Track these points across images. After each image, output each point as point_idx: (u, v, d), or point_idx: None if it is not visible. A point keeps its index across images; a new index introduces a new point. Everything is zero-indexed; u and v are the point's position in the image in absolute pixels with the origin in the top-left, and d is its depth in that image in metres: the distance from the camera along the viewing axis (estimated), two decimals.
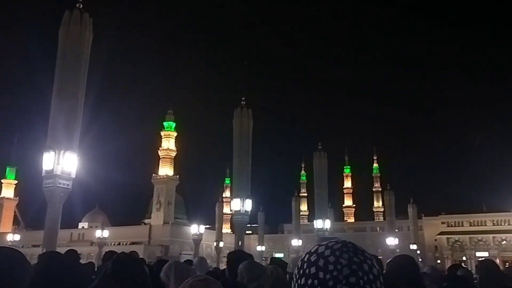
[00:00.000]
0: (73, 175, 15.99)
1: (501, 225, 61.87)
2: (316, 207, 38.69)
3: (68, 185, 15.76)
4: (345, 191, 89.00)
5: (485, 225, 62.57)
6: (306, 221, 75.60)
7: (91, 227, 67.50)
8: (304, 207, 80.00)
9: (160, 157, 68.11)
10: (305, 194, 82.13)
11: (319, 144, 39.87)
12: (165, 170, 66.75)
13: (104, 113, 69.75)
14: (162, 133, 69.12)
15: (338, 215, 76.17)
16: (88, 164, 21.95)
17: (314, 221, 38.48)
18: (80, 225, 71.90)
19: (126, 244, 55.01)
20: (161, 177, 66.17)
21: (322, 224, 36.78)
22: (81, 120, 17.11)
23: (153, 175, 66.94)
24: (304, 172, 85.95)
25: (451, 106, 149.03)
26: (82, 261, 6.60)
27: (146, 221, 68.08)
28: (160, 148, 68.52)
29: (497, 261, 56.26)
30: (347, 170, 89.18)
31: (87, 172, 20.95)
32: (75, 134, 16.57)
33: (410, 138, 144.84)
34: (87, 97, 17.93)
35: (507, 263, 57.31)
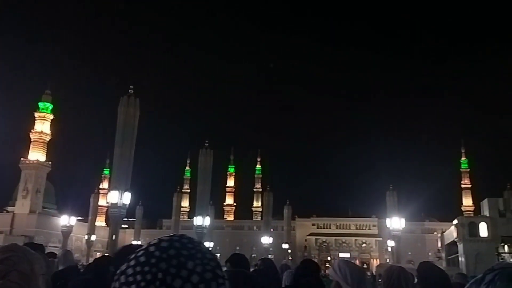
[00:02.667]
0: None
1: (362, 229, 68.35)
2: (197, 203, 38.73)
3: None
4: (227, 189, 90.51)
5: (349, 229, 68.59)
6: (186, 217, 75.32)
7: None
8: (185, 203, 79.60)
9: (32, 140, 62.34)
10: (188, 190, 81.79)
11: (206, 141, 40.07)
12: (36, 155, 61.28)
13: None
14: (36, 115, 63.26)
15: (219, 213, 77.25)
16: None
17: (194, 217, 38.48)
18: None
19: None
20: (31, 162, 60.61)
21: (202, 221, 36.92)
22: None
23: (22, 159, 61.02)
24: (188, 168, 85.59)
25: (329, 122, 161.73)
26: None
27: (9, 208, 61.82)
28: (32, 131, 62.69)
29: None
30: (231, 169, 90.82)
31: None
32: None
33: (291, 145, 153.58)
34: None
35: (365, 264, 63.59)
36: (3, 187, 73.38)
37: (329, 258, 64.35)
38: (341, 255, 62.55)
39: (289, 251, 61.34)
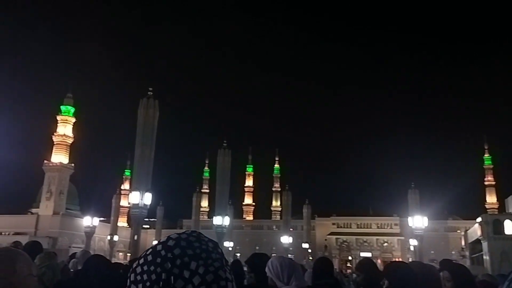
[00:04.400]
0: None
1: (384, 228, 67.53)
2: (216, 203, 38.86)
3: None
4: (246, 189, 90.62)
5: (371, 228, 67.85)
6: (206, 217, 75.71)
7: None
8: (205, 203, 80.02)
9: (55, 143, 63.58)
10: (207, 190, 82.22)
11: (224, 141, 40.19)
12: (59, 157, 62.46)
13: None
14: (59, 118, 64.51)
15: (238, 213, 77.47)
16: None
17: (214, 217, 38.65)
18: None
19: (8, 234, 50.60)
20: (54, 164, 61.82)
21: (221, 220, 37.04)
22: None
23: (45, 161, 62.30)
24: (207, 168, 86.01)
25: (347, 120, 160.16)
26: None
27: (34, 210, 63.13)
28: (55, 133, 63.94)
29: (378, 261, 61.43)
30: (249, 169, 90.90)
31: None
32: None
33: (309, 144, 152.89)
34: None
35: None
36: (27, 190, 75.11)
37: (350, 258, 63.74)
38: (362, 254, 61.93)
39: (309, 250, 61.07)
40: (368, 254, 62.10)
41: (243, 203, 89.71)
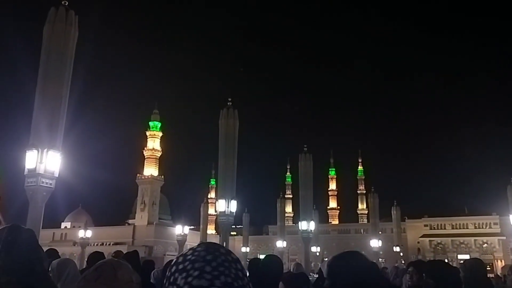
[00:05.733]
0: (56, 174, 15.70)
1: (482, 228, 62.84)
2: (300, 208, 38.73)
3: (51, 184, 15.48)
4: (330, 193, 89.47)
5: (467, 228, 63.49)
6: (290, 222, 75.80)
7: (74, 227, 66.82)
8: (289, 208, 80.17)
9: (145, 157, 67.69)
10: (290, 196, 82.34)
11: (305, 146, 39.98)
12: (150, 170, 66.33)
13: (88, 112, 69.06)
14: (148, 133, 68.67)
15: (323, 217, 76.57)
16: (71, 163, 21.66)
17: (299, 222, 38.53)
18: (63, 225, 71.00)
19: (109, 244, 54.54)
20: (146, 177, 65.74)
21: (307, 225, 36.81)
22: (65, 118, 16.82)
23: (138, 175, 66.49)
24: (289, 173, 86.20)
25: (435, 110, 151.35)
26: None
27: (130, 221, 67.58)
28: (145, 148, 68.09)
29: None
30: (332, 172, 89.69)
31: (70, 171, 20.63)
32: (58, 132, 16.27)
33: (394, 142, 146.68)
34: (72, 95, 17.60)
35: (488, 266, 58.32)
36: (124, 202, 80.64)
37: (446, 260, 60.03)
38: (460, 256, 58.18)
39: (401, 254, 58.62)
40: (466, 256, 58.14)
41: (328, 207, 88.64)
